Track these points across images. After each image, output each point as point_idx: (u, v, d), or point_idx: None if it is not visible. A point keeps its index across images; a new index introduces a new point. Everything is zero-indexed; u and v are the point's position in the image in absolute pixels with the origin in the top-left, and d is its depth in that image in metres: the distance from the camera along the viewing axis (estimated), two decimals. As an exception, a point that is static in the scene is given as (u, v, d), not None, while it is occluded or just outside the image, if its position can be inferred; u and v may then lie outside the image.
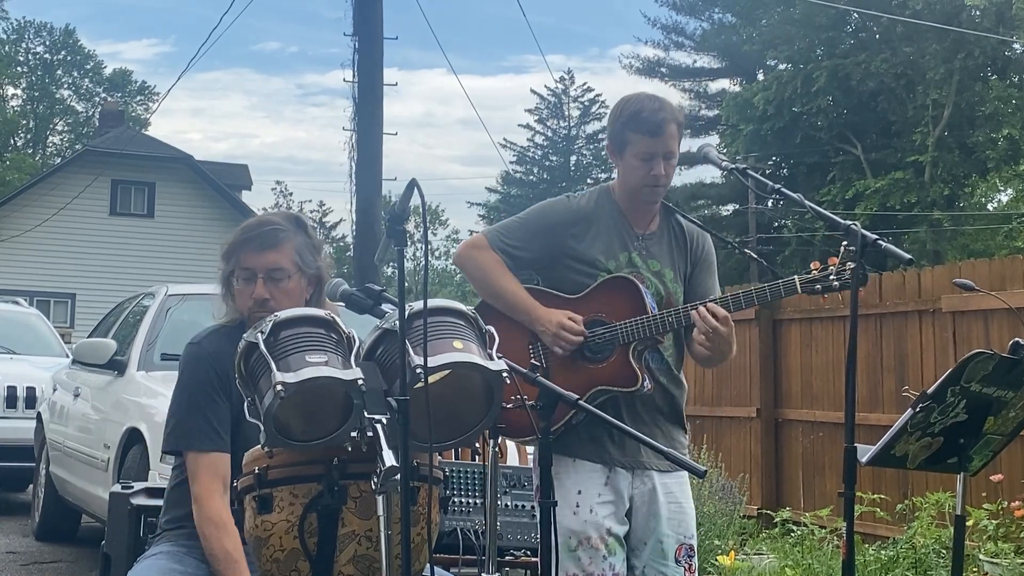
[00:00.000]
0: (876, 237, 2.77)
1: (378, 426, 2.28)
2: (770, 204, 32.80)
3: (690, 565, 3.23)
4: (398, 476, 2.22)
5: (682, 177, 40.62)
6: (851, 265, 2.89)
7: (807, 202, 3.00)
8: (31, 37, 51.58)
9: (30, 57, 51.84)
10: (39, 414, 8.53)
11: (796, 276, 3.00)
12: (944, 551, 6.02)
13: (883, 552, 6.36)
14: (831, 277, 2.96)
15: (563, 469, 3.10)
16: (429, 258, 2.45)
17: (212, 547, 2.70)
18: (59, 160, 42.80)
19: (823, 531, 7.00)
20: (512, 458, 3.96)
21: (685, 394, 3.33)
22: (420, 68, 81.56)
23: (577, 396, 2.57)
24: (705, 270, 3.34)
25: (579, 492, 3.13)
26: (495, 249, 3.23)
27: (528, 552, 3.34)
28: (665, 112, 3.17)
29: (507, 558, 3.34)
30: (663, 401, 3.24)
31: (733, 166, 3.18)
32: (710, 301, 3.08)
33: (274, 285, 2.87)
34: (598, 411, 2.69)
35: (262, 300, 2.84)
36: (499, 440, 2.75)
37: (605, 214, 3.26)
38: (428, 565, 2.61)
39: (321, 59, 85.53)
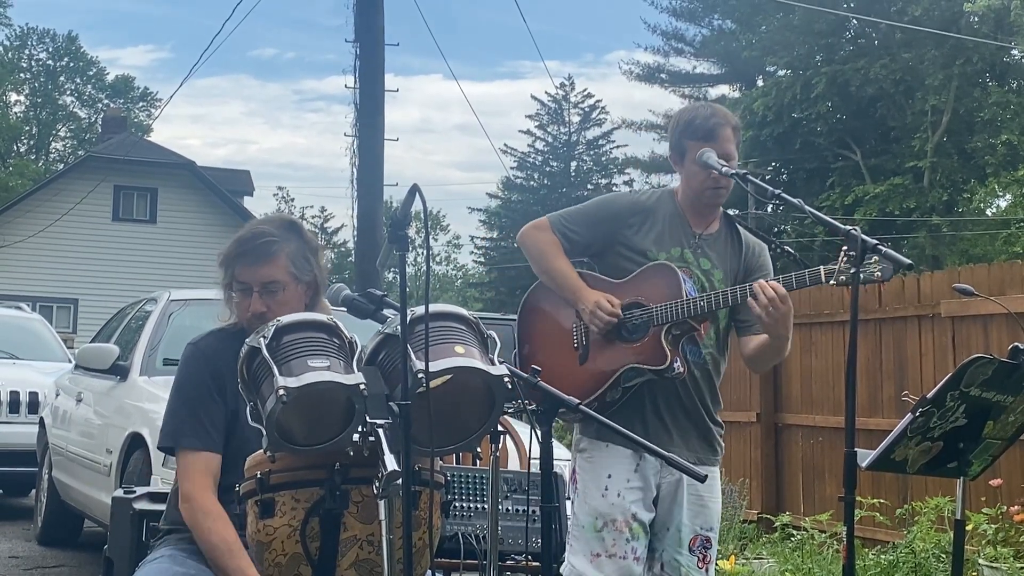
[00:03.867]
0: (876, 242, 2.79)
1: (380, 431, 2.28)
2: (770, 209, 32.80)
3: (704, 555, 3.35)
4: (400, 480, 2.22)
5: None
6: (876, 261, 2.89)
7: (807, 207, 3.02)
8: (34, 44, 51.71)
9: (33, 63, 51.95)
10: (42, 419, 8.54)
11: (821, 267, 3.05)
12: (944, 555, 6.02)
13: (883, 556, 6.37)
14: (856, 267, 2.96)
15: (596, 452, 3.30)
16: (431, 263, 2.45)
17: (210, 538, 2.69)
18: (62, 166, 42.83)
19: (823, 535, 7.01)
20: (513, 462, 3.96)
21: (718, 395, 3.43)
22: (417, 74, 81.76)
23: (578, 400, 2.58)
24: (757, 276, 3.39)
25: (609, 476, 3.27)
26: (555, 231, 3.40)
27: (529, 557, 3.34)
28: (717, 117, 3.35)
29: (508, 563, 3.35)
30: (702, 394, 3.35)
31: (734, 171, 3.23)
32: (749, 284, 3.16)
33: (270, 297, 2.86)
34: (599, 416, 2.71)
35: (259, 314, 2.82)
36: (500, 445, 2.76)
37: (665, 211, 3.40)
38: (430, 570, 2.61)
39: (318, 65, 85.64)
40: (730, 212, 3.48)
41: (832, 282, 3.00)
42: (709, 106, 3.47)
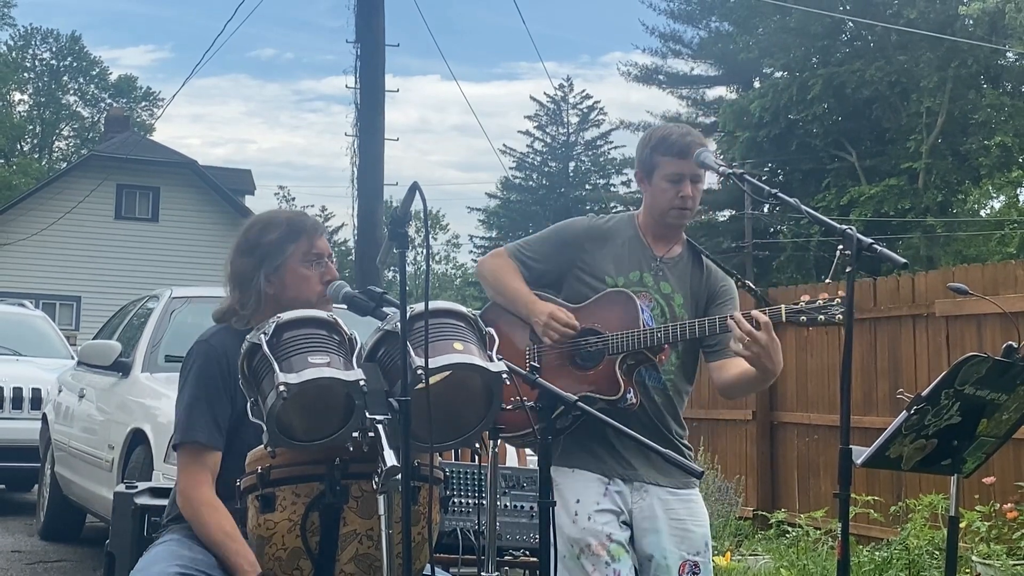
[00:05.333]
0: (872, 241, 2.79)
1: (379, 426, 2.30)
2: (766, 209, 32.83)
3: None
4: (399, 476, 2.24)
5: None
6: (837, 303, 2.94)
7: (804, 207, 3.02)
8: (38, 43, 51.81)
9: (37, 63, 52.03)
10: (44, 415, 8.57)
11: (783, 306, 3.04)
12: (937, 552, 6.06)
13: (877, 553, 6.40)
14: (819, 312, 3.00)
15: (561, 479, 3.15)
16: (430, 262, 2.47)
17: (210, 529, 2.72)
18: (65, 165, 42.88)
19: (818, 532, 7.04)
20: (511, 459, 3.99)
21: (681, 419, 3.34)
22: (415, 75, 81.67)
23: (575, 397, 2.60)
24: (721, 306, 3.33)
25: (577, 501, 3.17)
26: (513, 259, 3.36)
27: (527, 552, 3.36)
28: (692, 137, 3.29)
29: (506, 558, 3.37)
30: (663, 419, 3.25)
31: (731, 171, 3.21)
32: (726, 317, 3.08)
33: (333, 267, 3.00)
34: (599, 414, 2.72)
35: (334, 279, 2.95)
36: (499, 441, 2.78)
37: (625, 235, 3.34)
38: (428, 564, 2.63)
39: (317, 65, 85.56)
40: (697, 245, 3.41)
41: (789, 321, 3.02)
42: (683, 126, 3.42)
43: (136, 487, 3.19)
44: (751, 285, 3.40)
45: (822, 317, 2.98)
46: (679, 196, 3.25)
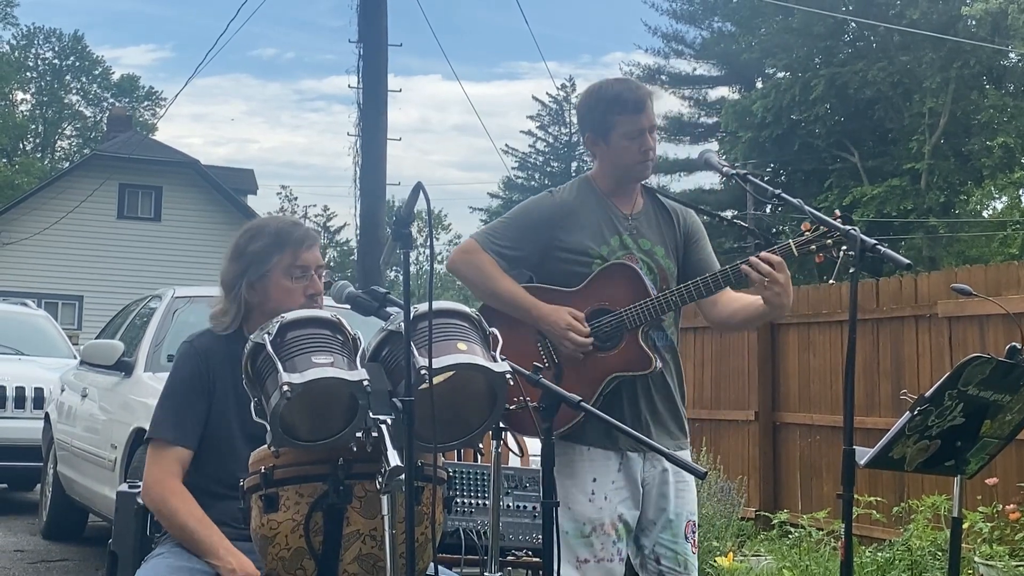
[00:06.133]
0: (875, 242, 2.80)
1: (383, 426, 2.30)
2: (768, 210, 32.84)
3: (694, 541, 3.31)
4: (402, 476, 2.24)
5: (682, 183, 40.70)
6: (843, 226, 2.92)
7: (807, 207, 3.03)
8: (40, 43, 51.93)
9: (39, 63, 52.17)
10: (47, 414, 8.57)
11: (791, 241, 3.06)
12: (940, 553, 6.05)
13: (879, 554, 6.39)
14: (825, 238, 3.00)
15: (577, 457, 3.20)
16: (434, 262, 2.48)
17: (179, 516, 2.74)
18: (67, 164, 42.96)
19: (820, 533, 7.03)
20: (514, 459, 3.98)
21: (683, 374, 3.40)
22: (415, 74, 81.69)
23: (579, 397, 2.59)
24: (697, 242, 3.37)
25: (594, 480, 3.20)
26: (487, 251, 3.27)
27: (529, 552, 3.36)
28: (642, 89, 3.27)
29: (509, 558, 3.37)
30: (672, 377, 3.30)
31: (734, 171, 3.21)
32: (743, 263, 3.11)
33: (318, 280, 2.99)
34: (599, 412, 2.72)
35: (317, 294, 2.95)
36: (502, 441, 2.78)
37: (589, 202, 3.30)
38: (432, 564, 2.63)
39: (318, 65, 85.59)
40: (649, 186, 3.38)
41: (799, 252, 3.03)
42: (627, 79, 3.41)
43: (139, 486, 3.18)
44: (752, 228, 3.46)
45: (830, 241, 2.97)
46: (641, 150, 3.24)
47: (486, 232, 3.34)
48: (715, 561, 6.30)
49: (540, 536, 2.68)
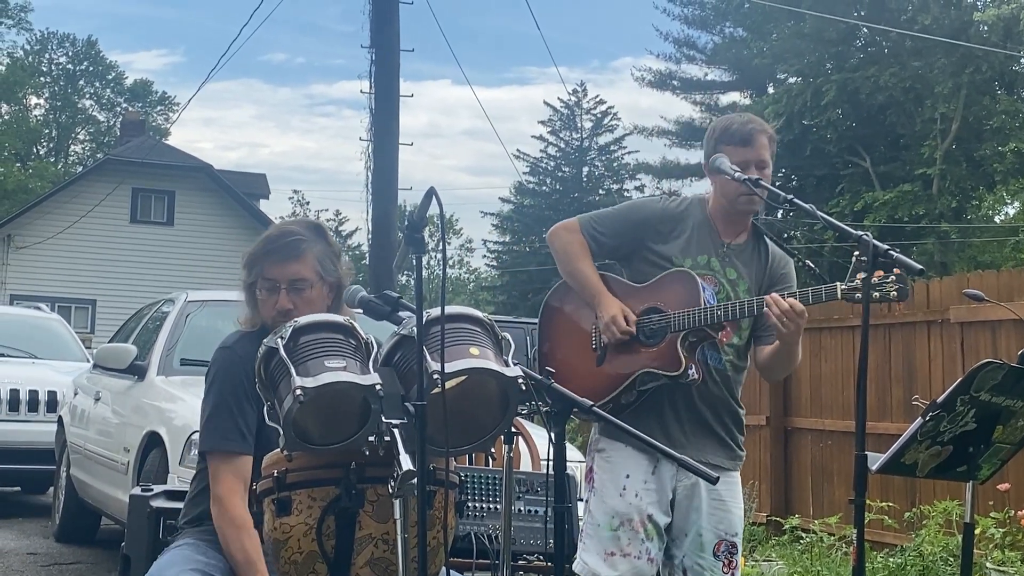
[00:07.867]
0: (887, 248, 2.80)
1: (395, 431, 2.31)
2: (780, 215, 32.80)
3: (730, 561, 3.34)
4: (415, 480, 2.25)
5: (693, 188, 40.67)
6: (892, 280, 2.94)
7: (819, 212, 3.03)
8: (54, 48, 52.16)
9: (53, 67, 52.37)
10: (60, 418, 8.60)
11: (837, 283, 3.06)
12: (952, 559, 6.04)
13: (891, 560, 6.38)
14: (874, 289, 2.98)
15: (614, 452, 3.31)
16: (446, 266, 2.48)
17: (232, 549, 2.73)
18: (81, 169, 43.12)
19: (832, 538, 7.02)
20: (525, 463, 3.98)
21: (739, 398, 3.44)
22: (425, 79, 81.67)
23: (591, 403, 2.60)
24: (780, 288, 3.38)
25: (627, 476, 3.29)
26: (584, 233, 3.43)
27: (540, 557, 3.37)
28: (754, 124, 3.38)
29: (520, 563, 3.38)
30: (719, 399, 3.35)
31: (745, 177, 3.23)
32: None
33: (297, 295, 2.91)
34: (612, 418, 2.73)
35: (285, 311, 2.87)
36: (513, 445, 2.79)
37: (694, 219, 3.41)
38: (444, 568, 2.64)
39: (328, 70, 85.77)
40: (759, 224, 3.50)
41: (844, 299, 3.03)
42: (745, 114, 3.51)
43: (152, 490, 3.20)
44: (810, 264, 3.49)
45: (877, 294, 2.98)
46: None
47: (591, 216, 3.49)
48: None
49: (551, 541, 2.68)
